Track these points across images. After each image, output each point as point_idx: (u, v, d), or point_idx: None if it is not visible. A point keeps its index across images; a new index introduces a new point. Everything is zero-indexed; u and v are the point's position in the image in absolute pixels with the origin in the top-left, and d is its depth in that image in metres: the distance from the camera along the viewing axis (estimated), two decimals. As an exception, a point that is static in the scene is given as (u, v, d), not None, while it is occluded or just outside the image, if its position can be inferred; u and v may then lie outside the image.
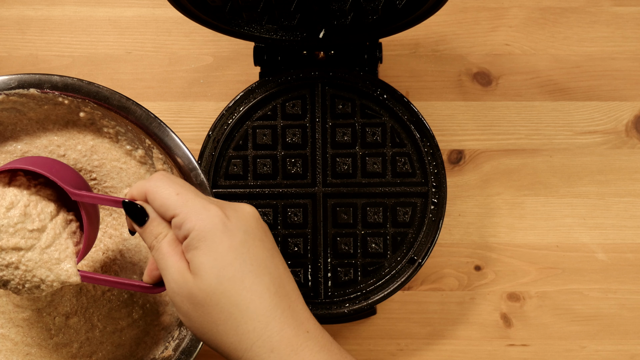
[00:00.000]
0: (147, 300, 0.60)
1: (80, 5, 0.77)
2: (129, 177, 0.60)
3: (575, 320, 0.72)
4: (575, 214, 0.73)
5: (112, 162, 0.60)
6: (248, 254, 0.45)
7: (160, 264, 0.47)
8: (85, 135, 0.60)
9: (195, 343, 0.57)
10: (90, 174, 0.60)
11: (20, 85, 0.57)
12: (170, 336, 0.58)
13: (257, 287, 0.45)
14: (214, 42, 0.76)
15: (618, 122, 0.74)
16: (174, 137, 0.58)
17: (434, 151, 0.66)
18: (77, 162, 0.60)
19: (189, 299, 0.45)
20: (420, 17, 0.59)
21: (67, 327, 0.60)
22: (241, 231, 0.46)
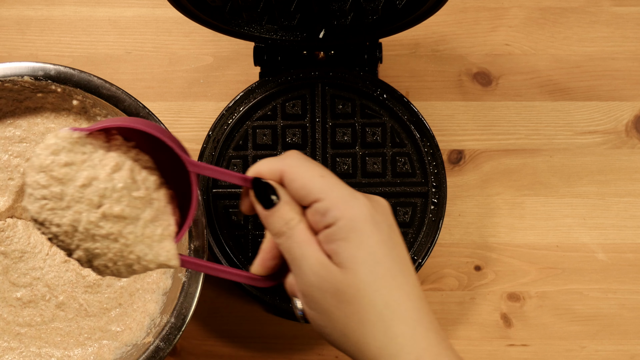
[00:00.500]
0: (135, 288, 0.60)
1: (80, 5, 0.77)
2: None
3: (575, 320, 0.72)
4: (575, 214, 0.73)
5: None
6: (395, 251, 0.42)
7: (292, 252, 0.42)
8: (80, 123, 0.61)
9: (175, 331, 0.57)
10: None
11: (15, 73, 0.58)
12: (153, 323, 0.59)
13: (406, 287, 0.41)
14: (214, 42, 0.76)
15: (618, 122, 0.74)
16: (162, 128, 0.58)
17: (434, 151, 0.66)
18: None
19: (334, 294, 0.41)
20: (420, 17, 0.59)
21: (57, 309, 0.60)
22: (386, 225, 0.42)
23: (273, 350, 0.72)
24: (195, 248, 0.56)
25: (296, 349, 0.72)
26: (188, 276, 0.57)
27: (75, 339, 0.60)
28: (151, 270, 0.46)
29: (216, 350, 0.72)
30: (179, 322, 0.57)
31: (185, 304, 0.57)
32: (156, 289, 0.60)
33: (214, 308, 0.72)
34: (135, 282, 0.60)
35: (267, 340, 0.72)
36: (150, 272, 0.54)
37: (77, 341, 0.60)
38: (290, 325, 0.72)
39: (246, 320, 0.72)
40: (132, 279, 0.59)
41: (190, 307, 0.57)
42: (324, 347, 0.72)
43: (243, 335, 0.72)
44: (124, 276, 0.45)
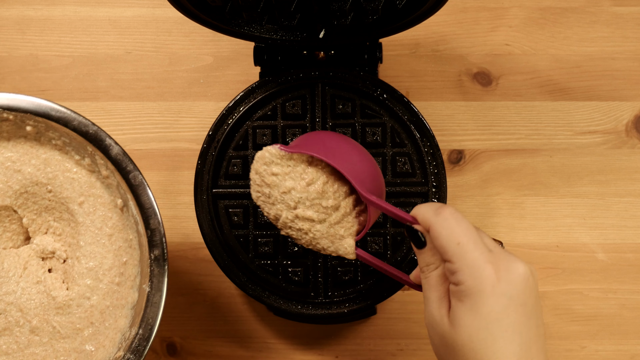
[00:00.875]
0: (105, 305, 0.60)
1: (80, 5, 0.77)
2: (81, 186, 0.61)
3: (575, 320, 0.72)
4: (575, 214, 0.73)
5: (65, 173, 0.61)
6: (506, 320, 0.47)
7: (425, 291, 0.51)
8: (37, 150, 0.61)
9: (144, 342, 0.57)
10: (46, 187, 0.61)
11: None
12: (124, 337, 0.59)
13: (504, 351, 0.46)
14: (214, 42, 0.77)
15: (618, 122, 0.74)
16: (110, 141, 0.58)
17: (434, 151, 0.66)
18: (33, 175, 0.61)
19: (440, 337, 0.49)
20: (420, 17, 0.59)
21: (31, 334, 0.60)
22: (506, 297, 0.47)
23: (273, 350, 0.72)
24: (155, 257, 0.57)
25: (296, 349, 0.72)
26: (151, 286, 0.57)
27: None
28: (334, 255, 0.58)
29: (216, 350, 0.72)
30: (146, 332, 0.57)
31: (151, 314, 0.57)
32: (125, 304, 0.60)
33: (214, 308, 0.72)
34: (104, 299, 0.60)
35: (267, 340, 0.72)
36: (118, 288, 0.60)
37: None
38: (290, 325, 0.72)
39: (246, 320, 0.72)
40: (102, 296, 0.60)
41: (157, 317, 0.57)
42: (324, 347, 0.72)
43: (243, 335, 0.72)
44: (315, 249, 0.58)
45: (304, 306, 0.65)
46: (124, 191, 0.59)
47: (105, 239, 0.60)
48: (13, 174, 0.61)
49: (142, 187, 0.58)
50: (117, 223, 0.61)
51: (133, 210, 0.59)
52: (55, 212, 0.62)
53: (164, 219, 0.73)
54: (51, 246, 0.62)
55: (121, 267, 0.60)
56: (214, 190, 0.67)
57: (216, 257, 0.66)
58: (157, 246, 0.58)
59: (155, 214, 0.58)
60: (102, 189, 0.61)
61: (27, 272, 0.61)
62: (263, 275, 0.66)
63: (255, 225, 0.67)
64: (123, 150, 0.58)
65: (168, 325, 0.72)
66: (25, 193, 0.61)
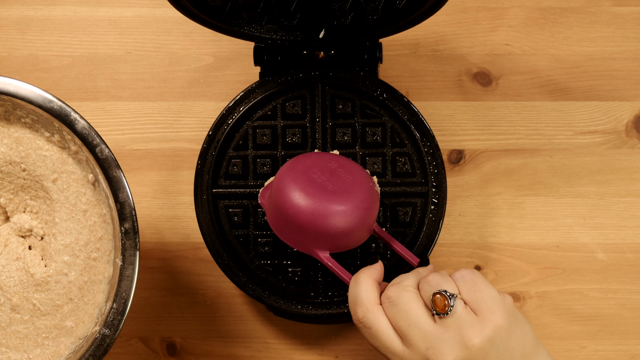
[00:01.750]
0: (83, 281, 0.60)
1: (80, 5, 0.77)
2: (53, 163, 0.61)
3: (575, 320, 0.72)
4: (575, 214, 0.73)
5: (37, 151, 0.61)
6: None
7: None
8: (8, 129, 0.61)
9: (118, 316, 0.56)
10: (20, 165, 0.61)
11: None
12: (100, 312, 0.59)
13: None
14: (214, 42, 0.77)
15: (618, 122, 0.74)
16: (75, 115, 0.58)
17: (434, 151, 0.66)
18: (6, 155, 0.61)
19: None
20: (420, 17, 0.59)
21: (13, 312, 0.61)
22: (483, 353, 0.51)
23: (273, 350, 0.72)
24: (125, 230, 0.57)
25: (296, 349, 0.72)
26: (123, 260, 0.57)
27: (34, 340, 0.61)
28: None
29: (216, 350, 0.72)
30: (120, 306, 0.56)
31: (124, 287, 0.56)
32: (102, 279, 0.60)
33: (214, 308, 0.72)
34: (82, 275, 0.60)
35: (267, 340, 0.72)
36: (95, 264, 0.60)
37: (36, 342, 0.60)
38: (290, 325, 0.72)
39: (246, 320, 0.72)
40: (79, 272, 0.60)
41: (130, 290, 0.56)
42: (324, 347, 0.72)
43: (243, 335, 0.72)
44: None
45: (304, 306, 0.65)
46: (93, 165, 0.58)
47: (80, 215, 0.60)
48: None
49: (110, 160, 0.57)
50: (91, 198, 0.60)
51: (103, 184, 0.58)
52: (31, 191, 0.62)
53: (164, 219, 0.74)
54: (28, 224, 0.62)
55: (97, 242, 0.60)
56: (214, 190, 0.67)
57: (216, 257, 0.66)
58: (127, 219, 0.57)
59: (123, 187, 0.57)
60: (73, 164, 0.61)
61: (7, 250, 0.62)
62: (263, 275, 0.66)
63: (255, 225, 0.67)
64: (89, 124, 0.58)
65: (168, 325, 0.72)
66: (0, 173, 0.61)
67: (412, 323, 0.51)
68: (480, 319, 0.51)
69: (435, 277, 0.53)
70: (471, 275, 0.53)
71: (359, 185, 0.57)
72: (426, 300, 0.52)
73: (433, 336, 0.51)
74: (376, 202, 0.58)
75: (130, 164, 0.75)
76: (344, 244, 0.57)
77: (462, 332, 0.50)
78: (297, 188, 0.55)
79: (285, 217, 0.56)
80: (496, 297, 0.52)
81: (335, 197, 0.55)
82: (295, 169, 0.57)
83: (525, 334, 0.52)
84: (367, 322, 0.53)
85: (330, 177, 0.57)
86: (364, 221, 0.56)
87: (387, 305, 0.53)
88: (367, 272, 0.55)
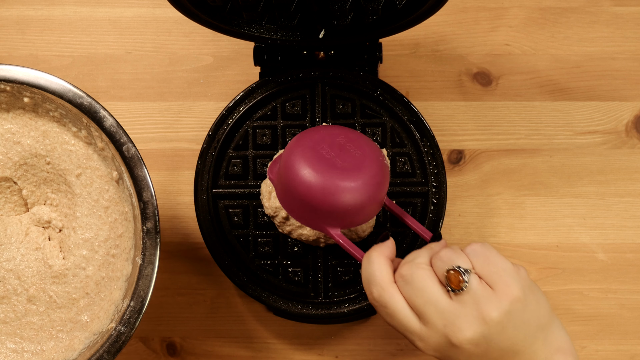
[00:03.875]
0: (100, 276, 0.60)
1: (80, 5, 0.77)
2: (78, 159, 0.61)
3: (575, 320, 0.72)
4: (575, 214, 0.73)
5: (63, 145, 0.61)
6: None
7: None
8: (36, 122, 0.62)
9: (135, 314, 0.57)
10: (45, 159, 0.62)
11: None
12: (117, 309, 0.59)
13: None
14: (214, 42, 0.77)
15: (618, 122, 0.74)
16: (104, 113, 0.58)
17: (434, 151, 0.66)
18: (32, 147, 0.61)
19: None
20: (420, 17, 0.59)
21: (29, 303, 0.61)
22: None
23: (273, 350, 0.72)
24: (147, 229, 0.57)
25: (296, 349, 0.72)
26: (143, 259, 0.57)
27: (48, 332, 0.61)
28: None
29: (216, 350, 0.72)
30: (137, 304, 0.57)
31: (142, 286, 0.57)
32: (120, 276, 0.60)
33: (214, 308, 0.72)
34: (99, 270, 0.60)
35: (267, 340, 0.72)
36: (114, 260, 0.61)
37: (50, 334, 0.61)
38: (290, 325, 0.72)
39: (246, 320, 0.72)
40: (97, 267, 0.60)
41: (149, 289, 0.57)
42: (324, 347, 0.72)
43: (243, 335, 0.72)
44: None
45: (304, 306, 0.65)
46: (119, 163, 0.59)
47: (101, 211, 0.61)
48: (13, 146, 0.61)
49: (136, 159, 0.58)
50: (114, 196, 0.61)
51: (127, 182, 0.58)
52: (54, 184, 0.62)
53: (164, 219, 0.73)
54: (47, 215, 0.62)
55: (117, 239, 0.61)
56: (214, 190, 0.67)
57: (216, 257, 0.66)
58: (149, 219, 0.57)
59: (148, 186, 0.57)
60: (98, 161, 0.61)
61: (28, 239, 0.62)
62: (263, 275, 0.66)
63: (255, 225, 0.67)
64: (117, 122, 0.58)
65: (168, 325, 0.72)
66: (24, 165, 0.62)
67: (427, 301, 0.50)
68: (497, 293, 0.50)
69: (447, 253, 0.52)
70: (483, 248, 0.52)
71: (368, 160, 0.56)
72: (440, 277, 0.51)
73: (450, 313, 0.50)
74: (386, 176, 0.57)
75: (130, 164, 0.75)
76: (355, 220, 0.56)
77: (479, 307, 0.49)
78: (307, 165, 0.54)
79: (295, 194, 0.55)
80: (510, 269, 0.51)
81: (345, 174, 0.54)
82: (303, 145, 0.56)
83: (541, 306, 0.52)
84: (383, 301, 0.52)
85: (340, 152, 0.56)
86: (375, 196, 0.55)
87: (401, 284, 0.52)
88: (380, 249, 0.54)
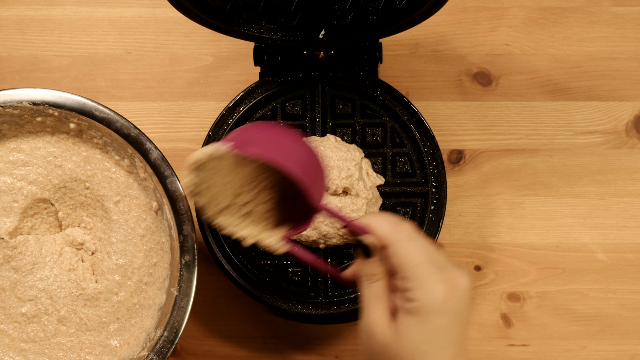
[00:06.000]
0: (132, 303, 0.61)
1: (80, 5, 0.77)
2: (118, 186, 0.62)
3: (575, 320, 0.72)
4: (575, 214, 0.73)
5: (104, 172, 0.62)
6: (449, 333, 0.48)
7: (366, 300, 0.51)
8: (79, 147, 0.63)
9: (168, 344, 0.58)
10: (85, 183, 0.62)
11: (14, 99, 0.60)
12: (148, 337, 0.60)
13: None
14: (214, 42, 0.76)
15: (618, 122, 0.74)
16: (150, 145, 0.59)
17: (434, 151, 0.66)
18: (73, 171, 0.62)
19: (380, 346, 0.49)
20: (420, 17, 0.59)
21: (59, 324, 0.61)
22: (454, 311, 0.48)
23: (273, 350, 0.72)
24: (186, 262, 0.58)
25: (296, 349, 0.72)
26: (179, 290, 0.58)
27: (77, 354, 0.61)
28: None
29: (216, 350, 0.72)
30: (171, 335, 0.58)
31: (177, 317, 0.58)
32: (152, 305, 0.61)
33: (214, 308, 0.72)
34: (132, 296, 0.61)
35: (267, 340, 0.72)
36: (146, 288, 0.61)
37: (79, 356, 0.61)
38: (290, 325, 0.72)
39: (246, 320, 0.72)
40: (129, 293, 0.61)
41: (183, 321, 0.58)
42: (324, 347, 0.72)
43: (243, 335, 0.72)
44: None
45: (304, 306, 0.65)
46: (160, 195, 0.60)
47: (137, 239, 0.61)
48: (54, 169, 0.62)
49: (179, 193, 0.59)
50: (151, 225, 0.61)
51: (167, 214, 0.59)
52: (90, 208, 0.63)
53: (164, 219, 0.73)
54: (80, 237, 0.63)
55: (151, 267, 0.61)
56: (214, 190, 0.67)
57: (216, 257, 0.66)
58: (188, 252, 0.58)
59: (189, 219, 0.59)
60: (138, 190, 0.62)
61: (61, 259, 0.62)
62: (263, 275, 0.66)
63: (255, 225, 0.67)
64: (162, 155, 0.59)
65: (168, 325, 0.72)
66: (63, 188, 0.62)
67: None
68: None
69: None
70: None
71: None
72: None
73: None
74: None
75: (130, 164, 0.75)
76: (316, 187, 0.53)
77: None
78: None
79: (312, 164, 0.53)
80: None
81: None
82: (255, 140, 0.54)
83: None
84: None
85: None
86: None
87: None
88: (368, 293, 0.52)
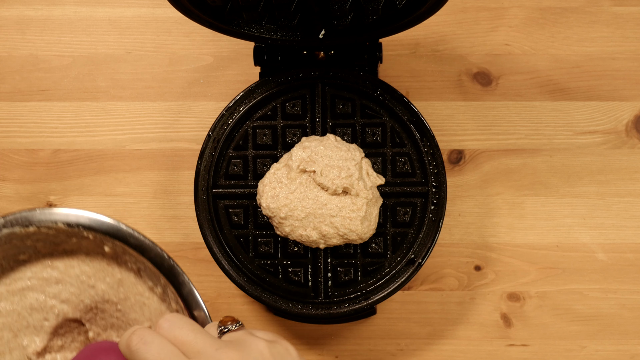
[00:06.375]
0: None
1: (80, 5, 0.77)
2: (150, 312, 0.61)
3: (575, 320, 0.72)
4: (575, 214, 0.73)
5: (136, 296, 0.61)
6: None
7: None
8: (113, 268, 0.62)
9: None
10: (117, 305, 0.62)
11: (49, 219, 0.59)
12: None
13: None
14: (214, 42, 0.77)
15: (618, 122, 0.74)
16: (184, 278, 0.58)
17: (434, 151, 0.66)
18: (105, 293, 0.61)
19: None
20: (420, 17, 0.59)
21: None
22: None
23: (273, 350, 0.72)
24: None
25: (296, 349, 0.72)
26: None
27: None
28: None
29: (216, 350, 0.72)
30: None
31: None
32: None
33: (214, 308, 0.72)
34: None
35: (267, 340, 0.72)
36: None
37: None
38: (290, 325, 0.72)
39: (246, 320, 0.72)
40: None
41: None
42: (324, 347, 0.72)
43: (243, 335, 0.72)
44: None
45: (304, 306, 0.65)
46: None
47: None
48: (87, 289, 0.61)
49: (206, 324, 0.57)
50: None
51: None
52: (121, 330, 0.62)
53: (164, 219, 0.74)
54: None
55: None
56: (214, 190, 0.67)
57: (216, 257, 0.66)
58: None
59: None
60: None
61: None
62: (263, 275, 0.66)
63: (255, 225, 0.67)
64: (194, 288, 0.58)
65: (168, 325, 0.72)
66: (95, 308, 0.62)
67: None
68: None
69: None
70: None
71: None
72: None
73: None
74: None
75: (130, 164, 0.75)
76: None
77: None
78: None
79: None
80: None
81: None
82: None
83: None
84: None
85: None
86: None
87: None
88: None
